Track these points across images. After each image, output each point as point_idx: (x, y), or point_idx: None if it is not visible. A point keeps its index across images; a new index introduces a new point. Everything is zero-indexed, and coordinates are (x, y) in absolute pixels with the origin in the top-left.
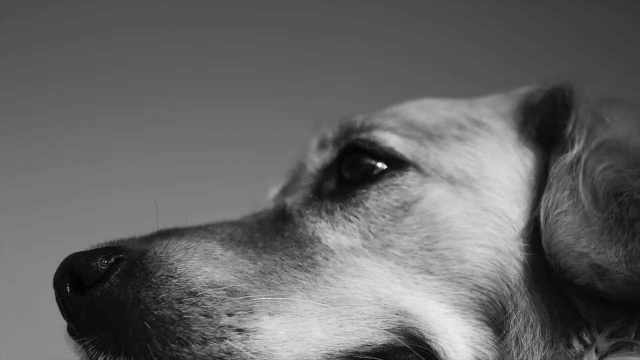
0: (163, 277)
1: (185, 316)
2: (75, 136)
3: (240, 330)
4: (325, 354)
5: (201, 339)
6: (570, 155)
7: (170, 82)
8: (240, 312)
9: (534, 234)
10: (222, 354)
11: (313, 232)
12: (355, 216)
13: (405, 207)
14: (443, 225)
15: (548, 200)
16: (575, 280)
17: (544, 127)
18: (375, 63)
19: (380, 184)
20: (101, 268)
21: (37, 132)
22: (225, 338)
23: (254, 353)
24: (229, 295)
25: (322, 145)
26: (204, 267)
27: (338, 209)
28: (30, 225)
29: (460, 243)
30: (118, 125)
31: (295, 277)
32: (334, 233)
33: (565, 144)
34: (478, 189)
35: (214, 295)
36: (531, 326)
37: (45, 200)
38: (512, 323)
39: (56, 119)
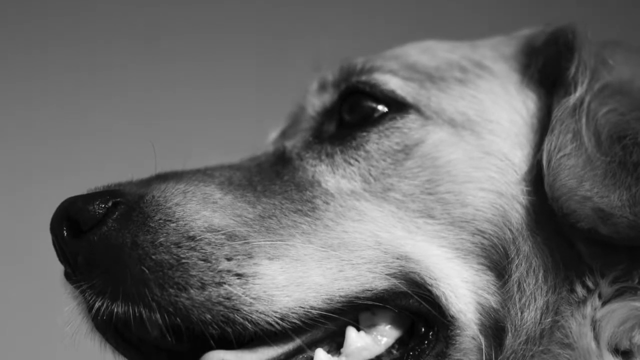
0: (161, 221)
1: (183, 261)
2: (73, 78)
3: (239, 275)
4: (325, 298)
5: (200, 284)
6: (574, 98)
7: (171, 24)
8: (239, 257)
9: (537, 178)
10: (221, 299)
11: (313, 176)
12: (356, 159)
13: (406, 151)
14: (444, 169)
15: (551, 144)
16: (578, 225)
17: (547, 69)
18: (376, 4)
19: (381, 127)
20: (98, 212)
21: (36, 73)
22: (224, 283)
23: (253, 298)
24: (228, 240)
25: (322, 87)
26: (203, 211)
27: (338, 152)
28: (27, 169)
29: (462, 187)
30: (117, 68)
31: (294, 221)
32: (334, 177)
33: (568, 86)
34: (480, 132)
35: (213, 240)
36: (533, 271)
37: (42, 144)
38: (514, 268)
39: (55, 60)
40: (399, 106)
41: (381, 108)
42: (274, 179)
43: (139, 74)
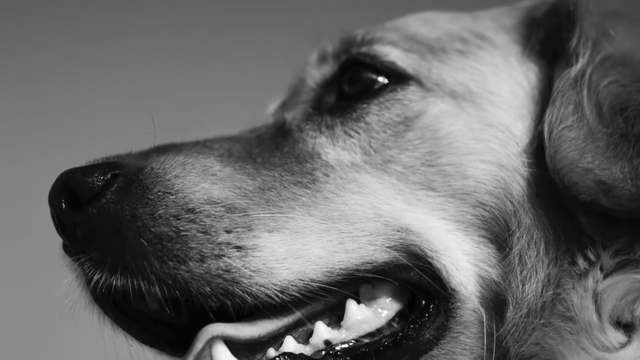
0: (160, 193)
1: (182, 233)
2: (72, 50)
3: (238, 248)
4: (325, 271)
5: (199, 257)
6: (575, 70)
7: None
8: (238, 229)
9: (538, 150)
10: (220, 272)
11: (313, 148)
12: (356, 131)
13: (407, 122)
14: (445, 141)
15: (552, 115)
16: (579, 197)
17: (548, 40)
18: None
19: (381, 99)
20: (97, 184)
21: (34, 45)
22: (224, 255)
23: (253, 270)
24: (228, 212)
25: (322, 59)
26: (202, 184)
27: (338, 124)
28: (26, 142)
29: (463, 159)
30: (116, 39)
31: (294, 193)
32: (334, 148)
33: (569, 58)
34: (481, 103)
35: (212, 212)
36: (535, 243)
37: (41, 116)
38: (515, 240)
39: (55, 31)
40: (399, 78)
41: (381, 80)
42: (274, 151)
43: (138, 45)
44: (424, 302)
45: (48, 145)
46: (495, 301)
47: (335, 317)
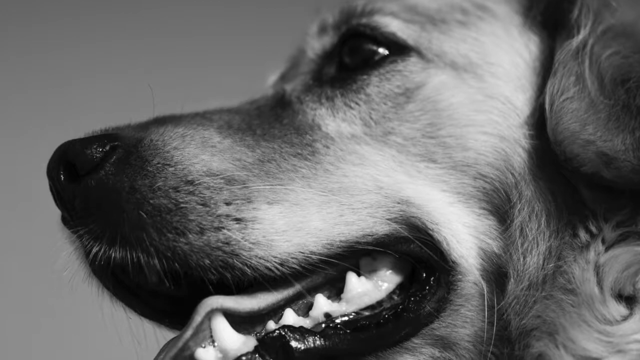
0: (159, 165)
1: (182, 205)
2: (73, 21)
3: (238, 220)
4: (325, 243)
5: (198, 229)
6: (576, 41)
7: None
8: (238, 201)
9: (539, 121)
10: (220, 244)
11: (313, 119)
12: (356, 103)
13: (407, 94)
14: (446, 112)
15: (553, 87)
16: (581, 169)
17: (549, 11)
18: None
19: (381, 70)
20: (96, 156)
21: (34, 16)
22: (223, 227)
23: (253, 243)
24: (227, 184)
25: (322, 30)
26: (201, 155)
27: (338, 95)
28: (25, 113)
29: (464, 130)
30: (116, 11)
31: (294, 165)
32: (334, 120)
33: (571, 29)
34: (482, 75)
35: (212, 184)
36: (536, 215)
37: (40, 87)
38: (516, 212)
39: (53, 3)
40: (399, 49)
41: (382, 51)
42: (274, 123)
43: (138, 17)
44: (424, 275)
45: (47, 116)
46: (496, 274)
47: (336, 290)
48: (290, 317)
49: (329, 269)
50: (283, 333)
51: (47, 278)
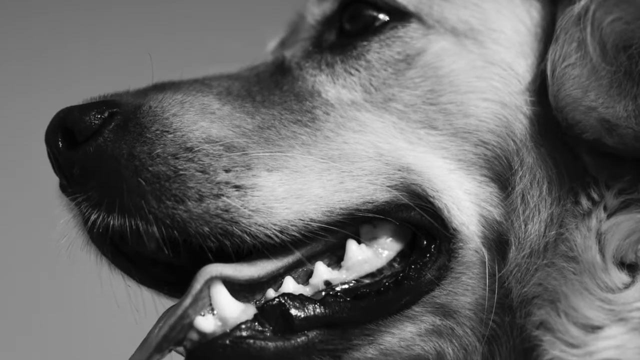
0: (158, 132)
1: (181, 172)
2: None
3: (237, 187)
4: (325, 211)
5: (197, 196)
6: (578, 7)
7: None
8: (237, 168)
9: (541, 88)
10: (219, 211)
11: (313, 86)
12: (357, 69)
13: (408, 60)
14: (447, 79)
15: (555, 53)
16: (583, 136)
17: None
18: None
19: (382, 36)
20: (94, 123)
21: None
22: (223, 195)
23: (252, 210)
24: (226, 151)
25: None
26: (201, 122)
27: (338, 61)
28: (23, 80)
29: (465, 97)
30: None
31: (294, 132)
32: (334, 87)
33: None
34: (483, 41)
35: (211, 151)
36: (537, 182)
37: (39, 54)
38: (518, 179)
39: None
40: (400, 15)
41: (382, 17)
42: (273, 89)
43: None
44: (425, 243)
45: (45, 83)
46: (498, 241)
47: (336, 258)
48: (290, 285)
49: (329, 237)
50: (283, 301)
51: (45, 246)
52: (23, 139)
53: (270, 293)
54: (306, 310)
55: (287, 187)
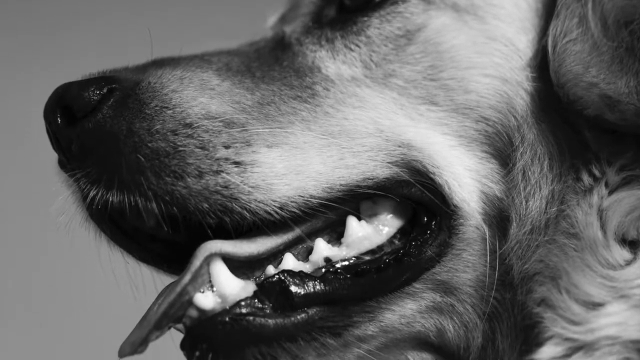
0: (157, 108)
1: (180, 148)
2: None
3: (237, 163)
4: (326, 187)
5: (197, 172)
6: None
7: None
8: (237, 145)
9: (542, 64)
10: (219, 188)
11: (313, 62)
12: (357, 45)
13: (409, 36)
14: (447, 55)
15: (556, 29)
16: (584, 112)
17: None
18: None
19: (382, 12)
20: (93, 99)
21: None
22: (222, 171)
23: (252, 187)
24: (226, 127)
25: None
26: (200, 98)
27: (339, 37)
28: (21, 56)
29: (465, 73)
30: None
31: (294, 108)
32: (334, 62)
33: None
34: (484, 16)
35: (210, 127)
36: (539, 159)
37: (37, 29)
38: (519, 156)
39: None
40: None
41: None
42: (273, 65)
43: None
44: (425, 219)
45: (44, 59)
46: (499, 218)
47: (336, 234)
48: (289, 261)
49: (329, 213)
50: (282, 278)
51: (43, 222)
52: (22, 115)
53: (270, 270)
54: (306, 287)
55: (287, 164)
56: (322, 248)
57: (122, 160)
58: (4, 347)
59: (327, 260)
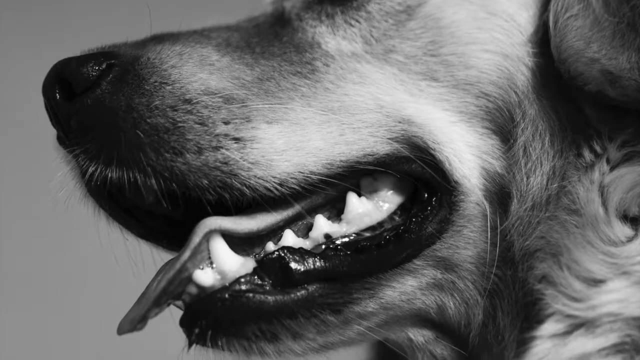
0: (156, 83)
1: (179, 124)
2: None
3: (236, 139)
4: (326, 163)
5: (196, 148)
6: None
7: None
8: (237, 120)
9: (543, 39)
10: (218, 164)
11: (313, 37)
12: (357, 20)
13: (409, 11)
14: (448, 30)
15: (557, 4)
16: (585, 87)
17: None
18: None
19: None
20: (92, 74)
21: None
22: (222, 147)
23: (251, 163)
24: (225, 103)
25: None
26: (199, 74)
27: (339, 12)
28: (20, 31)
29: (466, 48)
30: None
31: (294, 83)
32: (334, 38)
33: None
34: None
35: (210, 103)
36: (540, 135)
37: (36, 6)
38: (520, 132)
39: None
40: None
41: None
42: (273, 41)
43: None
44: (426, 195)
45: (43, 35)
46: (500, 194)
47: (336, 211)
48: (289, 238)
49: (329, 190)
50: (282, 254)
51: (42, 199)
52: (20, 91)
53: (270, 246)
54: (306, 264)
55: (287, 140)
56: (322, 224)
57: (121, 136)
58: (3, 325)
59: (327, 236)
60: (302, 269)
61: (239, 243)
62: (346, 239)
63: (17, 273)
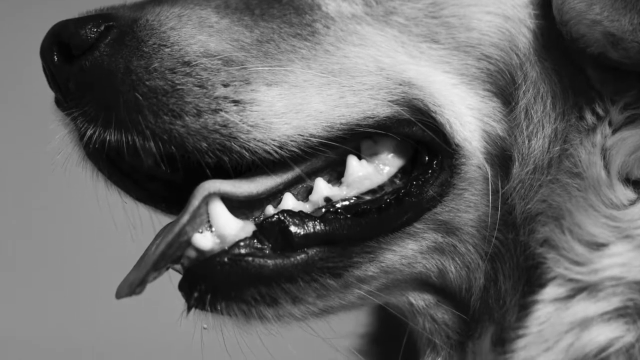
0: (155, 45)
1: (178, 87)
2: None
3: (236, 102)
4: (326, 126)
5: (195, 111)
6: None
7: None
8: (236, 83)
9: (545, 1)
10: (217, 127)
11: None
12: None
13: None
14: None
15: None
16: (587, 49)
17: None
18: None
19: None
20: (90, 36)
21: None
22: (221, 110)
23: (251, 125)
24: (225, 65)
25: None
26: (198, 36)
27: None
28: None
29: (467, 10)
30: None
31: (293, 46)
32: (334, 0)
33: None
34: None
35: (209, 65)
36: (541, 97)
37: None
38: (521, 94)
39: None
40: None
41: None
42: (272, 2)
43: None
44: (427, 158)
45: None
46: (501, 157)
47: (336, 174)
48: (289, 201)
49: (329, 152)
50: (282, 218)
51: (40, 162)
52: (18, 53)
53: (270, 210)
54: (306, 227)
55: (287, 102)
56: (322, 188)
57: (120, 99)
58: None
59: (327, 200)
60: (302, 233)
61: (238, 206)
62: (346, 203)
63: (15, 238)
